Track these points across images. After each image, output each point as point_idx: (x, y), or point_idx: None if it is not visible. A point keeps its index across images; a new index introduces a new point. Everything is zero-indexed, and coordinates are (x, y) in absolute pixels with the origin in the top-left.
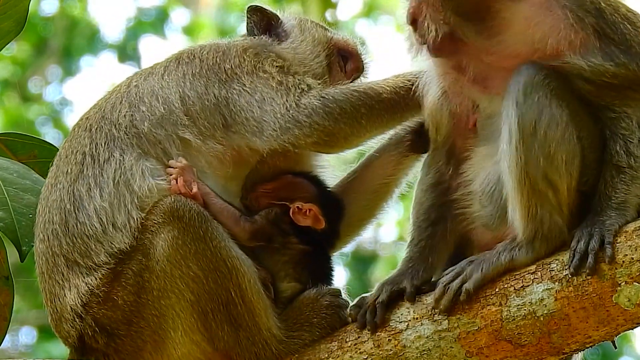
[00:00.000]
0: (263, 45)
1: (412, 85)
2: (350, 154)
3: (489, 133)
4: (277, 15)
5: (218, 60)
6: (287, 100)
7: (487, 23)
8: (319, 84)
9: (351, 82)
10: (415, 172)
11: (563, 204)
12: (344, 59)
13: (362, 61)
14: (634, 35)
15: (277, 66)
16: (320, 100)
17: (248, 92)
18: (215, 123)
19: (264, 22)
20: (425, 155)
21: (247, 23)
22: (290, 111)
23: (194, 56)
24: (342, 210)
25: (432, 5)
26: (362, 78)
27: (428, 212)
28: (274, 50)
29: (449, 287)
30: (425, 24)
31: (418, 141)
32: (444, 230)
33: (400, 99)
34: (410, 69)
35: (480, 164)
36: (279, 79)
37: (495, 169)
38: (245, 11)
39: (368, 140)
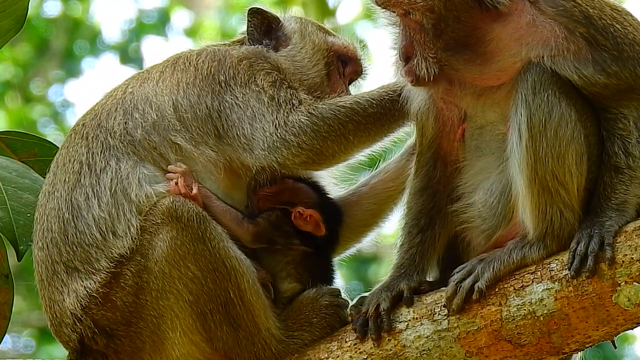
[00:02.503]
0: (258, 56)
1: (398, 96)
2: (340, 167)
3: (482, 144)
4: (278, 18)
5: (213, 70)
6: (276, 118)
7: (478, 50)
8: (311, 98)
9: (349, 84)
10: None
11: (574, 201)
12: (343, 63)
13: (361, 65)
14: (624, 35)
15: (270, 80)
16: (308, 117)
17: (240, 107)
18: (207, 132)
19: (264, 25)
20: None
21: (248, 26)
22: (279, 130)
23: (189, 63)
24: (341, 217)
25: (423, 43)
26: (360, 81)
27: (417, 218)
28: (270, 60)
29: (460, 286)
30: (416, 62)
31: None
32: (433, 236)
33: (386, 112)
34: (396, 79)
35: (478, 177)
36: (271, 93)
37: (497, 179)
38: (246, 13)
39: (356, 154)
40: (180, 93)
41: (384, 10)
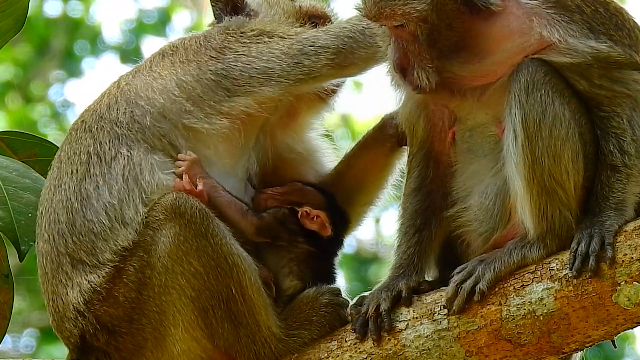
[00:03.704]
0: (240, 21)
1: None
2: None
3: (474, 146)
4: None
5: (202, 42)
6: (285, 43)
7: (473, 50)
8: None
9: None
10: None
11: (571, 200)
12: (315, 25)
13: (332, 21)
14: (609, 21)
15: (261, 27)
16: (320, 31)
17: (243, 54)
18: (219, 99)
19: (229, 6)
20: None
21: (214, 11)
22: (294, 47)
23: (176, 47)
24: (347, 222)
25: (418, 54)
26: None
27: (413, 218)
28: (253, 22)
29: (461, 287)
30: (415, 73)
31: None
32: (429, 236)
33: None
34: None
35: (472, 180)
36: (268, 31)
37: (491, 182)
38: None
39: (376, 53)
40: (179, 71)
41: (375, 23)
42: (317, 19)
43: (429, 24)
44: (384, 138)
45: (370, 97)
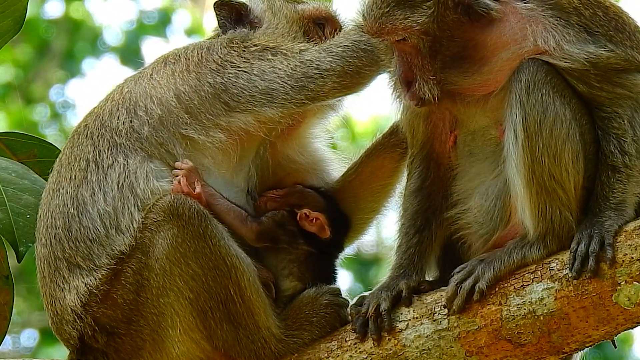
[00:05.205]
0: (244, 34)
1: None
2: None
3: (475, 149)
4: (245, 4)
5: (204, 54)
6: (289, 64)
7: (474, 58)
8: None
9: None
10: None
11: (572, 200)
12: (321, 26)
13: (338, 22)
14: (608, 23)
15: (264, 43)
16: (322, 51)
17: (245, 71)
18: (217, 112)
19: (233, 14)
20: None
21: (218, 19)
22: (297, 69)
23: (179, 56)
24: (348, 226)
25: (421, 66)
26: None
27: (414, 219)
28: (256, 36)
29: (461, 287)
30: (418, 87)
31: None
32: (430, 236)
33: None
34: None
35: (472, 182)
36: (271, 48)
37: (492, 183)
38: (213, 8)
39: (380, 69)
40: (178, 81)
41: (377, 38)
42: (322, 20)
43: (431, 36)
44: (394, 144)
45: (369, 97)
